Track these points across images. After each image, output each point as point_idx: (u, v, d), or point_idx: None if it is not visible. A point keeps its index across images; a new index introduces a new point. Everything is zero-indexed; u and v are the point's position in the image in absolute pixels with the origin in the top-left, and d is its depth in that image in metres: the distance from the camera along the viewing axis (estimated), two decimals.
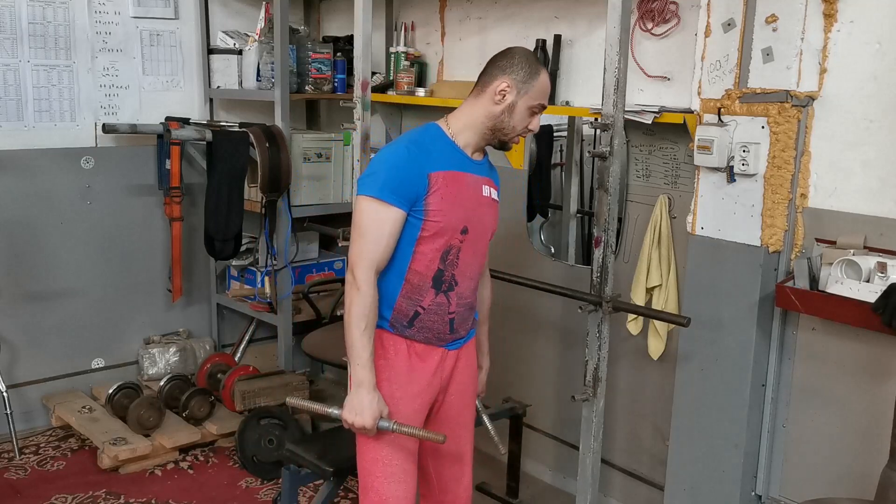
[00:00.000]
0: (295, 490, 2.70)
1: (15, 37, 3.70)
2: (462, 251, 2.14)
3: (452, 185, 2.09)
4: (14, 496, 3.30)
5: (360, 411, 2.04)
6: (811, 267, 2.45)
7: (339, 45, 4.12)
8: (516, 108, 2.12)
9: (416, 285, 2.13)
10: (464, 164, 2.15)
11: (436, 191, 2.06)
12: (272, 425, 3.53)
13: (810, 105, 2.47)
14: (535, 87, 2.12)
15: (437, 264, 2.12)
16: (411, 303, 2.13)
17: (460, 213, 2.11)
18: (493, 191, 2.25)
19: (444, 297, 2.15)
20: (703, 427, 2.71)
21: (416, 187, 2.05)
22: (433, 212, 2.06)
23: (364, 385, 2.04)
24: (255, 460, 3.49)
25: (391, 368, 2.16)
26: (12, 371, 3.81)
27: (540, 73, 2.14)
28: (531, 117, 2.16)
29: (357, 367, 2.05)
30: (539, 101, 2.15)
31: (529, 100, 2.12)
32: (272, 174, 3.73)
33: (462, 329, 2.25)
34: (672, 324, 2.88)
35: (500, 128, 2.14)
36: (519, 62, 2.12)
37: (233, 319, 4.45)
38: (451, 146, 2.14)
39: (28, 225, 3.81)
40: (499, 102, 2.12)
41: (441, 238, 2.09)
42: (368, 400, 2.04)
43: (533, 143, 3.53)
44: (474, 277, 2.23)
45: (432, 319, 2.15)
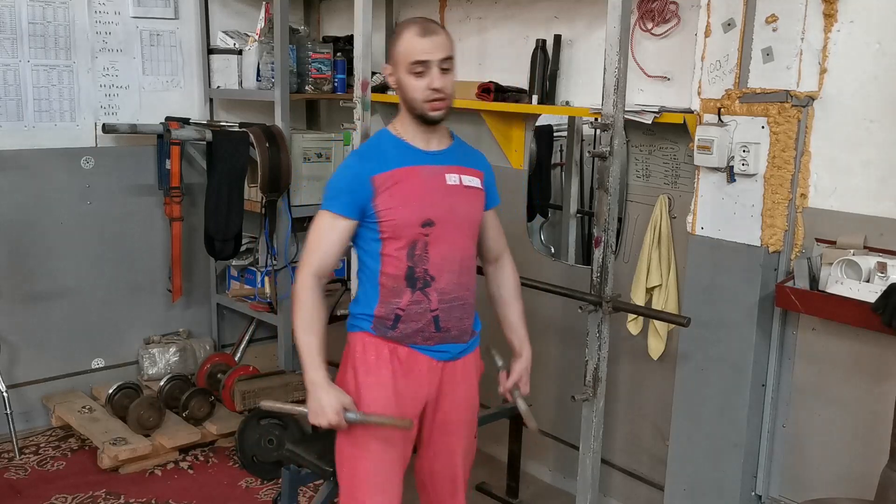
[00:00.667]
0: (295, 490, 2.70)
1: (15, 37, 3.70)
2: (431, 245, 2.11)
3: (403, 181, 2.09)
4: (14, 496, 3.30)
5: (320, 410, 2.06)
6: (811, 267, 2.45)
7: (339, 45, 4.12)
8: (402, 82, 2.08)
9: (391, 288, 2.12)
10: (417, 158, 2.13)
11: (382, 192, 2.08)
12: (272, 425, 3.53)
13: (810, 105, 2.47)
14: (399, 51, 2.07)
15: (406, 262, 2.11)
16: (390, 307, 2.13)
17: (416, 207, 2.09)
18: (468, 177, 2.19)
19: (421, 294, 2.12)
20: (703, 427, 2.71)
21: (360, 194, 2.08)
22: (384, 211, 2.08)
23: (317, 384, 2.06)
24: (255, 460, 3.49)
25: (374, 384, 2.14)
26: (12, 371, 3.81)
27: (401, 34, 2.08)
28: (421, 78, 2.05)
29: (307, 368, 2.07)
30: (410, 60, 2.04)
31: (403, 66, 2.06)
32: (272, 174, 3.73)
33: (454, 329, 2.18)
34: (672, 324, 2.88)
35: (410, 106, 2.10)
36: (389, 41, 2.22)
37: (233, 319, 4.45)
38: (400, 145, 2.14)
39: (28, 225, 3.81)
40: (394, 86, 2.12)
41: (402, 235, 2.09)
42: (326, 397, 2.06)
43: (533, 143, 3.53)
44: (459, 271, 2.17)
45: (414, 319, 2.13)
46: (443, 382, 2.21)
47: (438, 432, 2.26)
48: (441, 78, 2.05)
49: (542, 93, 3.28)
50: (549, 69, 3.27)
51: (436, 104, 2.07)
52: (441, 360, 2.19)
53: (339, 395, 2.08)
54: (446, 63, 2.07)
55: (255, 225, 3.94)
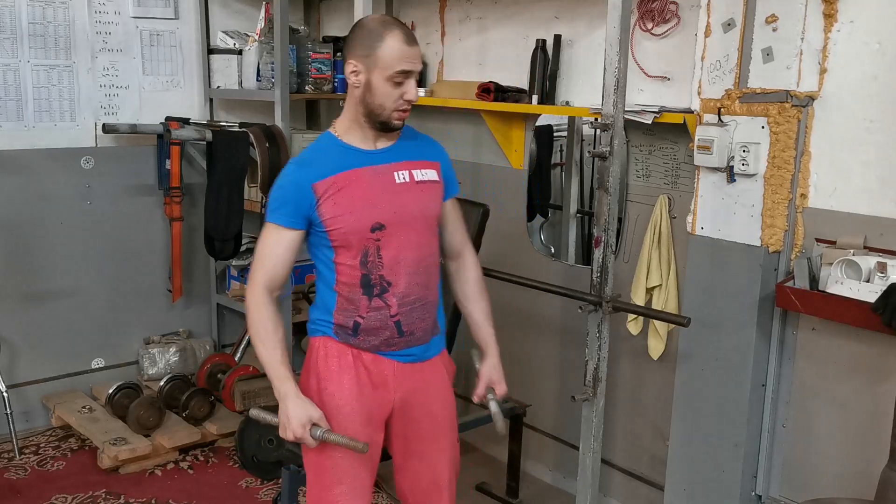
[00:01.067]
0: (295, 490, 2.70)
1: (15, 37, 3.70)
2: (383, 249, 2.03)
3: (346, 187, 2.00)
4: (14, 496, 3.30)
5: (287, 422, 1.99)
6: (811, 267, 2.45)
7: (339, 45, 4.12)
8: (373, 85, 1.94)
9: (348, 297, 2.06)
10: (360, 159, 2.03)
11: (326, 199, 1.99)
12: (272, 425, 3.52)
13: (810, 105, 2.47)
14: (382, 56, 1.92)
15: (360, 270, 2.03)
16: (348, 314, 2.07)
17: (363, 212, 2.00)
18: (422, 171, 2.09)
19: (379, 300, 2.05)
20: (703, 427, 2.71)
21: (302, 202, 2.00)
22: (330, 220, 2.00)
23: (287, 395, 2.00)
24: (255, 460, 3.49)
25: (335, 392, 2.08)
26: (12, 371, 3.81)
27: (385, 37, 1.92)
28: (398, 87, 1.95)
29: (274, 381, 2.01)
30: (396, 68, 1.92)
31: (382, 71, 1.93)
32: (272, 174, 3.72)
33: (417, 330, 2.10)
34: (672, 324, 2.88)
35: (371, 110, 1.98)
36: (358, 35, 1.96)
37: (233, 319, 4.45)
38: (341, 148, 2.04)
39: (28, 225, 3.81)
40: (356, 86, 1.97)
41: (352, 244, 2.01)
42: (293, 410, 1.99)
43: (533, 143, 3.53)
44: (417, 271, 2.07)
45: (374, 326, 2.06)
46: (411, 387, 2.13)
47: (415, 442, 2.18)
48: (415, 89, 1.99)
49: (542, 93, 3.28)
50: (549, 69, 3.27)
51: (402, 114, 2.00)
52: (407, 363, 2.12)
53: (307, 409, 1.99)
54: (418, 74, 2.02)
55: (255, 225, 3.93)
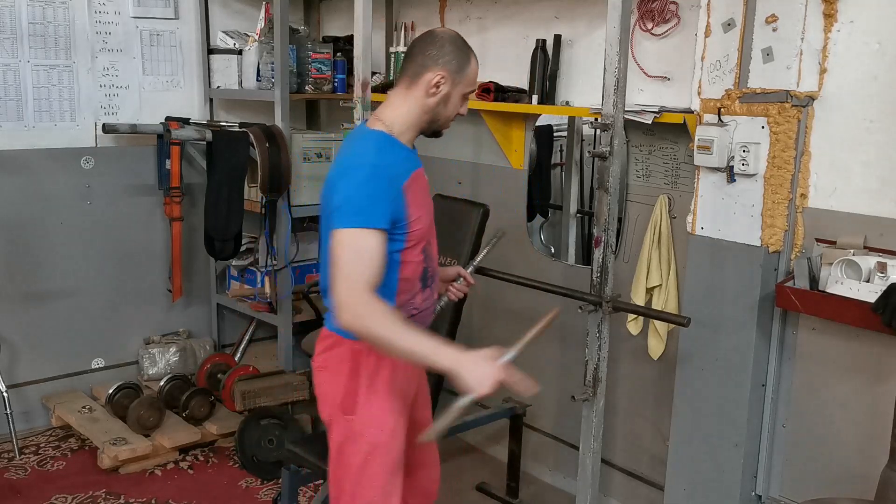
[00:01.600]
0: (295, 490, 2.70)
1: (15, 37, 3.70)
2: (430, 243, 2.15)
3: (418, 186, 2.06)
4: (14, 496, 3.30)
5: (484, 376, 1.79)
6: (811, 267, 2.45)
7: (339, 45, 4.12)
8: (451, 98, 2.06)
9: (408, 291, 2.08)
10: (415, 161, 2.10)
11: (411, 200, 2.00)
12: (272, 425, 3.53)
13: (810, 105, 2.47)
14: (468, 75, 2.07)
15: (423, 264, 2.10)
16: (407, 308, 2.08)
17: (428, 210, 2.12)
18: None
19: (429, 290, 2.16)
20: (703, 427, 2.71)
21: (397, 205, 1.96)
22: (416, 220, 2.01)
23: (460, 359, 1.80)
24: (255, 460, 3.49)
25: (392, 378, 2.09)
26: (12, 371, 3.81)
27: (471, 58, 2.08)
28: (464, 102, 2.12)
29: (436, 355, 1.82)
30: (472, 88, 2.11)
31: (463, 88, 2.07)
32: (272, 174, 3.73)
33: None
34: (672, 324, 2.88)
35: (436, 119, 2.08)
36: (451, 50, 2.04)
37: (233, 319, 4.45)
38: (403, 148, 2.06)
39: (28, 225, 3.81)
40: (433, 94, 2.04)
41: (421, 240, 2.07)
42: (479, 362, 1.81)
43: (533, 143, 3.53)
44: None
45: (424, 315, 2.15)
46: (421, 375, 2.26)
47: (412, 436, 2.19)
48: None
49: (542, 93, 3.28)
50: (549, 69, 3.27)
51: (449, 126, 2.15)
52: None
53: (484, 353, 1.83)
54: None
55: (255, 225, 3.94)
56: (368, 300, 1.86)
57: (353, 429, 2.06)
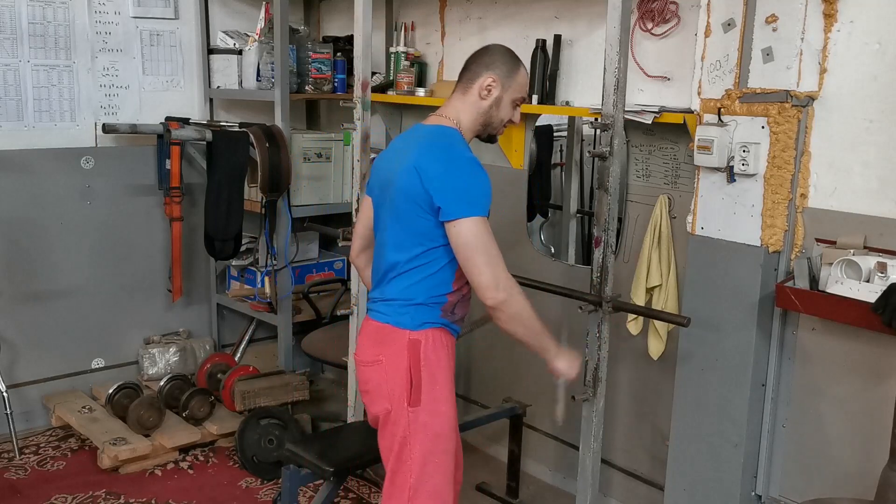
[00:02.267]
0: (295, 490, 2.70)
1: (15, 37, 3.70)
2: None
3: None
4: (14, 496, 3.30)
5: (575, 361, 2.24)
6: (811, 267, 2.45)
7: (339, 45, 4.12)
8: (502, 102, 2.23)
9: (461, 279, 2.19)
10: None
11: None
12: (272, 425, 3.53)
13: (810, 105, 2.47)
14: (517, 81, 2.24)
15: None
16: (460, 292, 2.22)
17: None
18: None
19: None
20: (703, 427, 2.71)
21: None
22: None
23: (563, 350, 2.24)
24: (255, 460, 3.49)
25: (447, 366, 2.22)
26: (12, 371, 3.81)
27: (520, 67, 2.25)
28: (514, 110, 2.27)
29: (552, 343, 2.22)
30: (521, 94, 2.26)
31: (513, 93, 2.23)
32: (272, 174, 3.73)
33: None
34: (672, 324, 2.88)
35: (489, 122, 2.25)
36: (501, 58, 2.23)
37: (233, 319, 4.45)
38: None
39: (28, 225, 3.81)
40: (485, 98, 2.22)
41: None
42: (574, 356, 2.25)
43: (533, 143, 3.53)
44: None
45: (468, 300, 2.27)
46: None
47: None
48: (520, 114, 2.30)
49: (542, 93, 3.28)
50: (549, 69, 3.27)
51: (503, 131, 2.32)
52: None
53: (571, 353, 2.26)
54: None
55: (255, 225, 3.94)
56: (514, 282, 2.11)
57: (418, 420, 2.16)
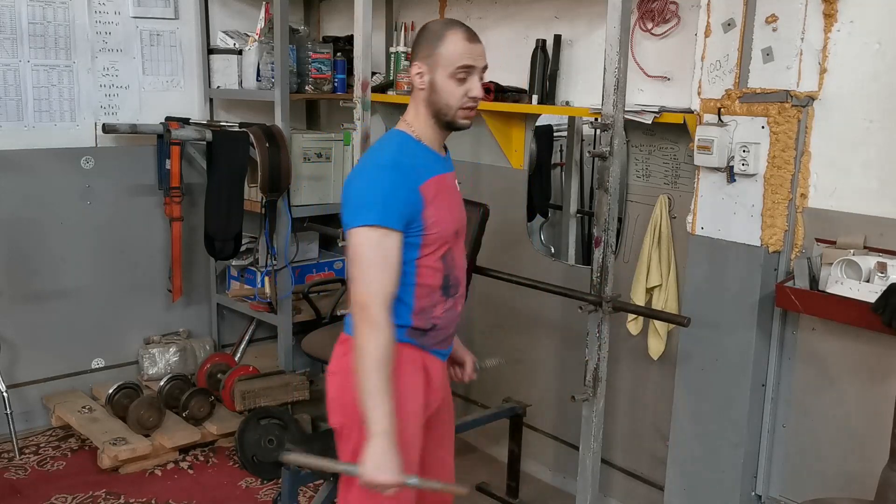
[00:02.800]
0: (295, 490, 2.69)
1: (15, 37, 3.70)
2: (454, 250, 2.07)
3: (440, 190, 2.00)
4: (14, 496, 3.30)
5: (386, 467, 1.81)
6: (811, 267, 2.45)
7: (339, 45, 4.12)
8: (437, 84, 1.95)
9: (428, 297, 2.02)
10: (440, 165, 2.05)
11: (430, 202, 1.95)
12: (272, 425, 3.53)
13: (810, 105, 2.47)
14: (442, 53, 1.94)
15: (443, 271, 2.03)
16: (426, 316, 2.03)
17: (453, 217, 2.05)
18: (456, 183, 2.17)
19: (451, 301, 2.08)
20: (703, 427, 2.71)
21: (413, 205, 1.92)
22: (431, 224, 1.96)
23: (387, 435, 1.82)
24: (255, 460, 3.49)
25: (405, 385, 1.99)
26: (12, 371, 3.81)
27: (445, 38, 1.94)
28: (463, 84, 1.96)
29: (378, 414, 1.82)
30: (457, 65, 1.94)
31: (444, 68, 1.94)
32: (272, 174, 3.73)
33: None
34: (672, 324, 2.88)
35: (438, 110, 1.98)
36: (421, 40, 1.99)
37: (233, 319, 4.45)
38: (425, 150, 2.02)
39: (28, 225, 3.81)
40: (422, 87, 1.98)
41: (440, 246, 2.01)
42: (393, 452, 1.82)
43: (533, 143, 3.53)
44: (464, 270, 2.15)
45: (446, 326, 2.08)
46: (446, 385, 2.19)
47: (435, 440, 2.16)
48: (480, 86, 1.99)
49: (542, 93, 3.28)
50: (549, 69, 3.27)
51: (469, 112, 1.99)
52: (445, 361, 2.17)
53: (395, 461, 1.83)
54: (483, 72, 2.01)
55: (255, 225, 3.94)
56: (381, 315, 1.86)
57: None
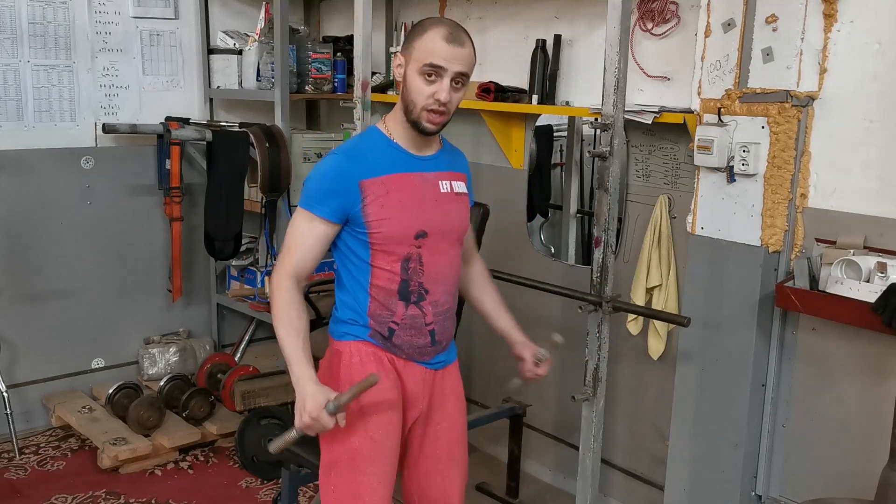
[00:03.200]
0: (295, 490, 2.69)
1: (15, 37, 3.70)
2: (425, 256, 1.98)
3: (394, 190, 1.93)
4: (14, 496, 3.30)
5: (305, 406, 1.84)
6: (811, 267, 2.45)
7: (339, 45, 4.12)
8: (409, 79, 1.90)
9: (382, 301, 1.99)
10: (409, 164, 1.98)
11: (372, 200, 1.91)
12: (272, 425, 3.53)
13: (810, 105, 2.47)
14: (417, 47, 1.88)
15: (400, 276, 1.97)
16: (383, 319, 2.00)
17: (410, 219, 1.95)
18: (457, 183, 2.06)
19: (416, 308, 2.00)
20: (703, 427, 2.71)
21: (346, 198, 1.91)
22: (374, 222, 1.92)
23: (303, 378, 1.86)
24: (255, 460, 3.49)
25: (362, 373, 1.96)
26: (12, 371, 3.81)
27: (427, 31, 1.88)
28: (430, 85, 1.87)
29: (293, 365, 1.89)
30: (425, 61, 1.86)
31: (415, 63, 1.88)
32: (272, 174, 3.73)
33: (444, 340, 2.09)
34: (672, 324, 2.88)
35: (406, 106, 1.92)
36: (408, 34, 1.94)
37: (233, 319, 4.45)
38: (392, 148, 1.97)
39: (28, 225, 3.81)
40: (399, 79, 1.93)
41: (393, 248, 1.95)
42: (311, 393, 1.84)
43: (533, 143, 3.53)
44: (448, 281, 2.06)
45: (409, 334, 2.01)
46: (433, 393, 2.12)
47: (429, 447, 2.14)
48: (449, 92, 1.88)
49: (542, 93, 3.28)
50: (549, 69, 3.27)
51: (433, 116, 1.90)
52: (435, 370, 2.11)
53: (325, 392, 1.86)
54: (460, 79, 1.90)
55: (255, 225, 3.94)
56: (280, 281, 1.95)
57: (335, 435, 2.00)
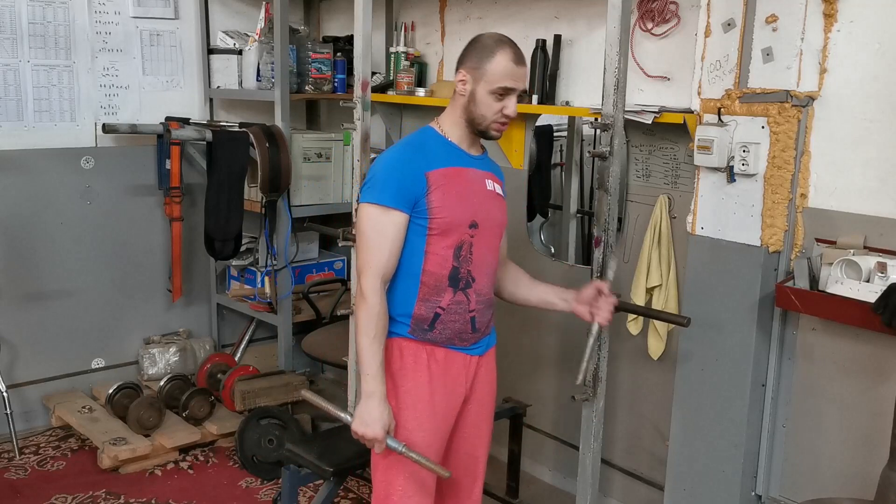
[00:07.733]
0: (295, 490, 2.70)
1: (15, 37, 3.70)
2: (475, 246, 2.13)
3: (453, 181, 2.10)
4: (14, 496, 3.30)
5: (370, 422, 2.01)
6: (811, 267, 2.45)
7: (339, 45, 4.12)
8: (477, 96, 2.08)
9: (432, 287, 2.11)
10: (462, 159, 2.15)
11: (435, 189, 2.06)
12: (272, 425, 3.53)
13: (810, 105, 2.47)
14: (489, 71, 2.06)
15: (452, 262, 2.10)
16: (430, 305, 2.11)
17: (466, 208, 2.11)
18: (497, 186, 2.24)
19: (462, 294, 2.14)
20: (703, 427, 2.71)
21: (415, 188, 2.05)
22: (437, 209, 2.06)
23: (374, 396, 2.02)
24: (255, 460, 3.49)
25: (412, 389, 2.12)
26: (12, 371, 3.81)
27: (495, 54, 2.06)
28: (500, 102, 2.08)
29: (367, 377, 2.03)
30: (499, 85, 2.06)
31: (487, 85, 2.06)
32: (272, 174, 3.73)
33: (484, 328, 2.22)
34: (672, 324, 2.88)
35: (471, 118, 2.12)
36: (472, 48, 2.10)
37: (233, 319, 4.45)
38: (447, 144, 2.15)
39: (28, 225, 3.81)
40: (463, 93, 2.11)
41: (450, 235, 2.09)
42: (378, 412, 2.02)
43: (533, 143, 3.53)
44: (490, 274, 2.21)
45: (453, 319, 2.13)
46: (477, 379, 2.24)
47: (461, 424, 2.25)
48: (515, 106, 2.11)
49: (542, 93, 3.28)
50: (549, 69, 3.27)
51: (501, 126, 2.13)
52: (474, 356, 2.22)
53: (390, 415, 2.05)
54: (523, 94, 2.17)
55: (255, 225, 3.94)
56: (373, 286, 2.03)
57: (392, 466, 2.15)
